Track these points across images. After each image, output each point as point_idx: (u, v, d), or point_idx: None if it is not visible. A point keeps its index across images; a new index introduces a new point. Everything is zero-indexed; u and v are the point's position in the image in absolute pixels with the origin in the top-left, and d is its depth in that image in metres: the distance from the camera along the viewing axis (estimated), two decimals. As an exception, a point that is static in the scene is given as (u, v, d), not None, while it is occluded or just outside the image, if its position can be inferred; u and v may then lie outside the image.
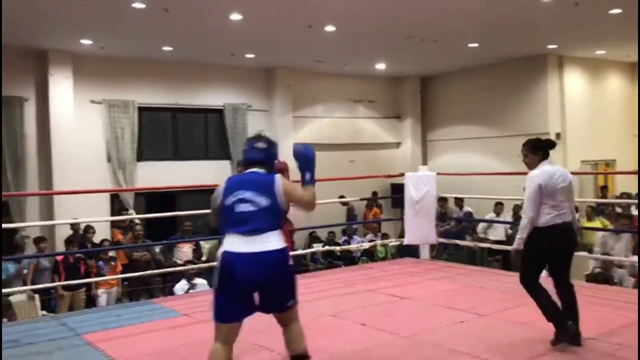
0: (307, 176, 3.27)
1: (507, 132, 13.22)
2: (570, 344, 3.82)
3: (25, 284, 8.29)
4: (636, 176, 12.84)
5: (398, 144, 15.38)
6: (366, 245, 10.68)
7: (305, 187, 3.25)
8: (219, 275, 3.10)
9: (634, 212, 10.19)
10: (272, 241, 3.08)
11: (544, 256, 3.96)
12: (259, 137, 3.39)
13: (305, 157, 3.31)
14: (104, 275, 8.54)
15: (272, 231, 3.11)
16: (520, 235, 3.92)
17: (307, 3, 8.26)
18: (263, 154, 3.32)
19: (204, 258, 10.41)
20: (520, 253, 3.96)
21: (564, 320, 3.83)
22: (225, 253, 3.09)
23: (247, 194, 3.13)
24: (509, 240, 10.20)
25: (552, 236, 3.89)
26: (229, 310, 3.09)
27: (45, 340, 4.58)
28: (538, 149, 4.01)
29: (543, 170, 3.92)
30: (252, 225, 3.08)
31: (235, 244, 3.08)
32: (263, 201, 3.12)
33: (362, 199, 11.89)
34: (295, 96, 13.40)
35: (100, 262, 8.74)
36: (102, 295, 8.71)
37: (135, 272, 7.84)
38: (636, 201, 10.33)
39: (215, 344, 3.12)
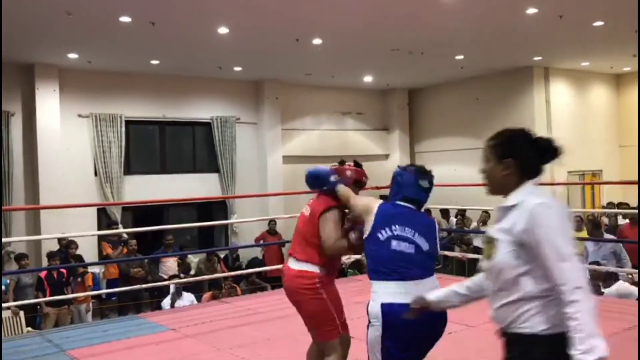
0: None
1: (494, 143, 13.31)
2: None
3: (7, 301, 8.15)
4: (621, 186, 13.13)
5: (387, 156, 15.41)
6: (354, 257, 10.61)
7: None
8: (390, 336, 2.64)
9: (620, 221, 10.28)
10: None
11: None
12: (425, 173, 2.92)
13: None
14: (73, 290, 8.41)
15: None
16: None
17: (293, 16, 8.28)
18: (425, 196, 2.91)
19: (192, 272, 10.35)
20: None
21: None
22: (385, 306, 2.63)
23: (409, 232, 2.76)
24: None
25: None
26: None
27: (30, 357, 4.52)
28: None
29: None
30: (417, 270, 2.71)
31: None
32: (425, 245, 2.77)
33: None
34: (283, 108, 13.41)
35: (71, 277, 8.61)
36: (85, 310, 8.57)
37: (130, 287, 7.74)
38: (621, 211, 10.44)
39: None
